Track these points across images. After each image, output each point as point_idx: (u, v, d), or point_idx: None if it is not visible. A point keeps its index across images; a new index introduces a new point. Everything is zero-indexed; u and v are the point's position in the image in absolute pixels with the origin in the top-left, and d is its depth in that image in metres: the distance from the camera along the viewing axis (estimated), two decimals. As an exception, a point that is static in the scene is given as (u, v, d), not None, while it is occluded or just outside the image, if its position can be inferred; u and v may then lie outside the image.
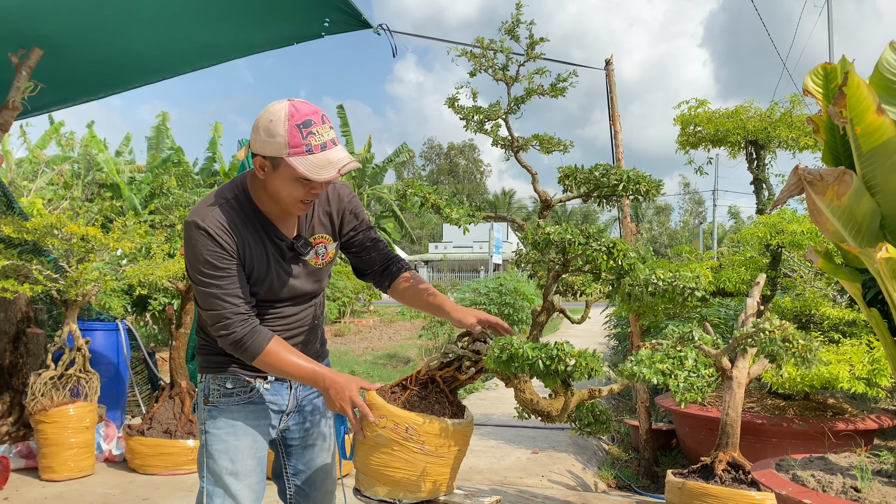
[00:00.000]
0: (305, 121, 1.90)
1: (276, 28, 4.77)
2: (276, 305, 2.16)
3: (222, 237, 1.97)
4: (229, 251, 1.98)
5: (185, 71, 5.37)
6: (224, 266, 1.97)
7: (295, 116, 1.90)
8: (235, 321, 1.97)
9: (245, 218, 2.05)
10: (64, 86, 5.31)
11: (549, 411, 2.04)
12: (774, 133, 5.00)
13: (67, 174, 17.73)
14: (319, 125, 1.92)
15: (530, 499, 4.45)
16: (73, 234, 4.60)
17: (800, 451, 3.66)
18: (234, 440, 2.13)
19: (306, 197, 1.99)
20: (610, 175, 2.21)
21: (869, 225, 2.69)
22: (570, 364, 1.77)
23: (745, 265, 5.04)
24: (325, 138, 1.92)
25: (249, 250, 2.04)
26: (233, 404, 2.15)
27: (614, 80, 5.97)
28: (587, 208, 70.89)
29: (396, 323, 19.41)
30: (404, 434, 1.91)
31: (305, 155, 1.89)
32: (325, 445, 2.37)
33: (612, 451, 6.35)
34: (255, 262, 2.06)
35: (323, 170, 1.89)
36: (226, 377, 2.16)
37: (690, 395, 1.74)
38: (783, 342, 1.80)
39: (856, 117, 2.57)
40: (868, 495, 2.55)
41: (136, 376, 6.42)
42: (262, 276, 2.08)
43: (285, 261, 2.12)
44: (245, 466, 2.13)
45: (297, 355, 2.03)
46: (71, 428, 4.61)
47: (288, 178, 1.94)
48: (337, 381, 1.96)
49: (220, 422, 2.13)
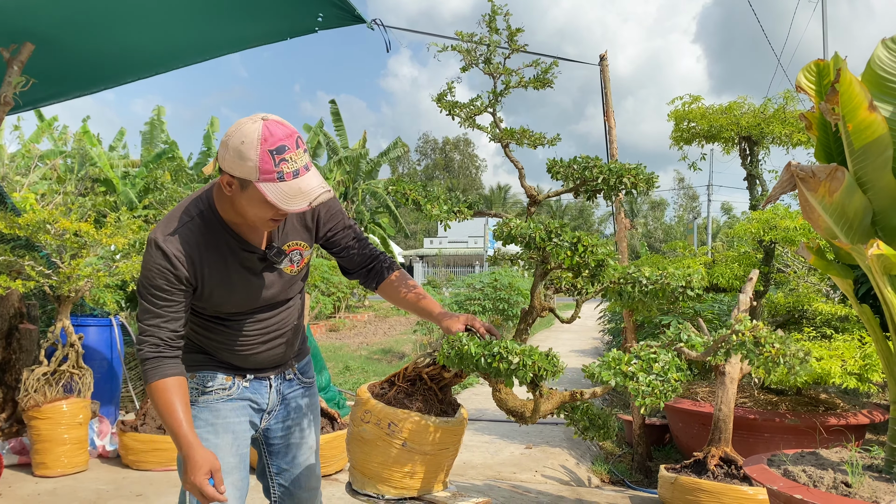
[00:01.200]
0: (279, 146, 1.82)
1: (270, 22, 4.75)
2: (253, 315, 2.15)
3: (178, 260, 1.95)
4: (181, 277, 1.95)
5: (178, 66, 5.34)
6: (169, 290, 1.95)
7: (268, 140, 1.81)
8: (149, 342, 1.95)
9: (210, 235, 2.01)
10: (56, 81, 5.28)
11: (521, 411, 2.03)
12: (768, 129, 5.02)
13: (61, 169, 17.65)
14: (293, 150, 1.84)
15: (524, 494, 4.46)
16: (65, 230, 4.58)
17: (792, 445, 3.68)
18: (215, 438, 2.11)
19: (275, 216, 1.93)
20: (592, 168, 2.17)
21: (860, 221, 2.70)
22: (513, 362, 1.75)
23: (739, 261, 5.05)
24: (297, 165, 1.84)
25: (209, 270, 2.01)
26: (212, 402, 2.14)
27: (609, 76, 5.97)
28: (582, 203, 70.99)
29: (391, 318, 19.41)
30: (387, 430, 1.92)
31: (276, 182, 1.82)
32: (308, 444, 2.36)
33: (605, 446, 6.37)
34: (215, 282, 2.02)
35: (293, 199, 1.83)
36: (204, 375, 2.16)
37: (651, 400, 1.71)
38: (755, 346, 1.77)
39: (848, 114, 2.58)
40: (858, 490, 2.56)
41: (129, 372, 6.40)
42: (226, 294, 2.06)
43: (256, 273, 2.09)
44: (227, 464, 2.10)
45: (182, 406, 1.93)
46: (64, 424, 4.60)
47: (256, 201, 1.88)
48: (194, 457, 1.89)
49: (200, 420, 2.11)
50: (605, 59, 5.96)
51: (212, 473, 1.91)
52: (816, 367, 4.03)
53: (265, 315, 2.16)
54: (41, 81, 4.69)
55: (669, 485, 4.06)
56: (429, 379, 2.04)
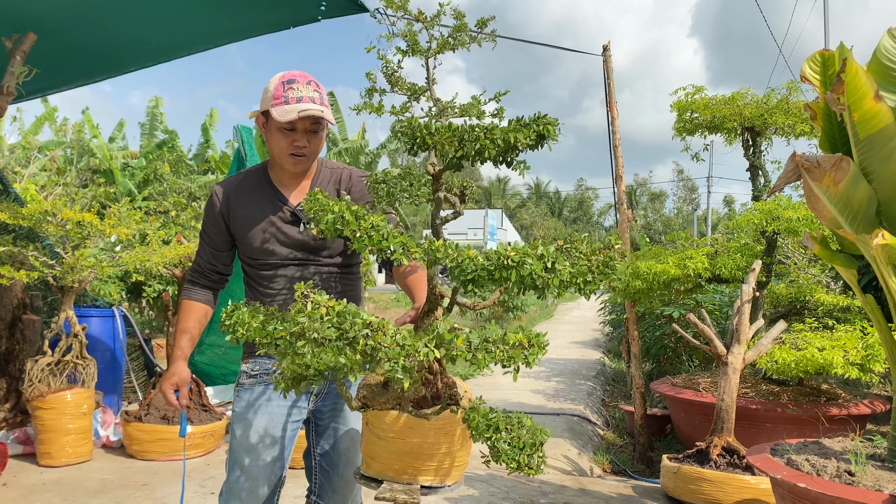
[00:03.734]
0: (290, 79, 2.17)
1: (273, 11, 4.74)
2: (288, 265, 2.29)
3: (218, 198, 2.31)
4: (219, 213, 2.31)
5: (181, 55, 5.33)
6: (209, 225, 2.34)
7: (285, 76, 2.18)
8: (192, 268, 2.39)
9: (255, 186, 2.32)
10: (58, 70, 5.27)
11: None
12: (771, 120, 5.01)
13: (60, 160, 17.61)
14: (302, 84, 2.17)
15: (526, 483, 4.48)
16: (68, 220, 4.58)
17: (794, 436, 3.70)
18: (251, 419, 2.24)
19: (290, 148, 2.20)
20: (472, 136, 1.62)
21: (865, 211, 2.71)
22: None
23: (741, 252, 5.06)
24: (302, 94, 2.15)
25: (243, 212, 2.29)
26: (255, 385, 2.28)
27: (611, 67, 5.96)
28: (581, 194, 70.95)
29: (391, 310, 19.43)
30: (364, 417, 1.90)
31: (283, 105, 2.14)
32: (351, 431, 2.39)
33: (607, 436, 6.40)
34: (248, 221, 2.29)
35: (288, 113, 2.12)
36: (253, 362, 2.31)
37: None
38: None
39: (853, 104, 2.58)
40: (862, 479, 2.58)
41: (132, 362, 6.42)
42: (256, 232, 2.30)
43: (284, 223, 2.30)
44: (260, 444, 2.22)
45: (190, 327, 2.32)
46: (68, 414, 4.62)
47: (273, 129, 2.19)
48: (171, 369, 2.30)
49: (242, 402, 2.28)
50: (609, 49, 5.95)
51: (178, 387, 2.28)
52: (819, 358, 4.04)
53: (301, 269, 2.30)
54: (43, 71, 4.68)
55: (672, 474, 4.08)
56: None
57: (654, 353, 7.51)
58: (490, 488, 4.32)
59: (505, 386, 8.23)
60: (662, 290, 5.31)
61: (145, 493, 4.13)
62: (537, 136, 1.61)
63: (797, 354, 4.14)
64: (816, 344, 4.21)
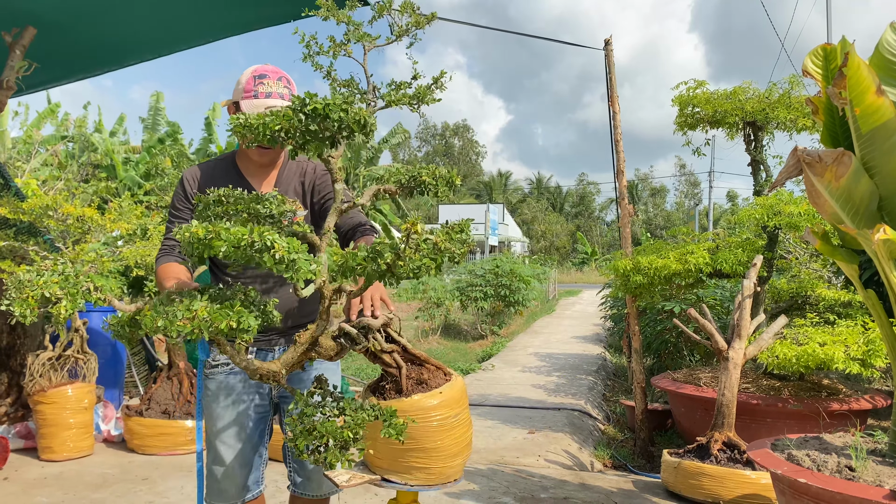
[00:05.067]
0: (262, 73, 2.27)
1: (274, 4, 4.72)
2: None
3: (188, 183, 2.37)
4: (188, 195, 2.35)
5: (182, 48, 5.30)
6: (178, 207, 2.36)
7: (258, 70, 2.28)
8: (161, 247, 2.38)
9: (222, 173, 2.39)
10: (58, 64, 5.25)
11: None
12: (773, 114, 4.99)
13: (62, 155, 17.62)
14: (273, 80, 2.26)
15: (527, 478, 4.48)
16: (69, 215, 4.58)
17: (794, 431, 3.69)
18: (218, 405, 2.32)
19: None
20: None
21: (867, 206, 2.70)
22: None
23: (742, 247, 5.05)
24: (271, 90, 2.25)
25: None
26: (219, 373, 2.33)
27: (613, 61, 5.95)
28: (583, 189, 70.87)
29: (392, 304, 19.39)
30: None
31: (252, 99, 2.24)
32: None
33: (607, 431, 6.40)
34: None
35: (256, 108, 2.18)
36: (215, 350, 2.35)
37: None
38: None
39: (855, 98, 2.57)
40: (862, 474, 2.58)
41: (133, 357, 6.42)
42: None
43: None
44: (229, 429, 2.30)
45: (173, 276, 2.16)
46: (69, 408, 4.62)
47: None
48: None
49: (209, 390, 2.34)
50: (610, 43, 5.93)
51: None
52: (819, 353, 4.04)
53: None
54: (43, 65, 4.67)
55: (673, 469, 4.08)
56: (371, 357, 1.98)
57: (654, 347, 7.51)
58: (491, 483, 4.33)
59: (506, 381, 8.24)
60: (663, 285, 5.31)
61: (146, 487, 4.14)
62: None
63: (798, 349, 4.13)
64: (817, 339, 4.20)
